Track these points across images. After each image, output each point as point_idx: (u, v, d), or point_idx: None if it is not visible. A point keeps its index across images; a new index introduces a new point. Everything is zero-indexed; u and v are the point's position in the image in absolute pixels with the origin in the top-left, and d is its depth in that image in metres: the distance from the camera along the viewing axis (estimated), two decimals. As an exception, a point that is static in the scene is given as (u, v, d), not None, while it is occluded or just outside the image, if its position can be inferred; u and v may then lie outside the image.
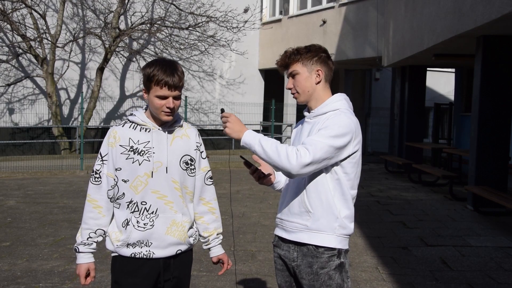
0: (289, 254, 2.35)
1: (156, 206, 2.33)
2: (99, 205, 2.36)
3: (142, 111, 2.41)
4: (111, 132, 2.37)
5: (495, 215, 7.76)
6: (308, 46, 2.38)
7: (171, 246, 2.36)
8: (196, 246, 2.65)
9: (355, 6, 15.24)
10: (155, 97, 2.27)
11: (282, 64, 2.37)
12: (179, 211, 2.38)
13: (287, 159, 2.09)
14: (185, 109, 15.34)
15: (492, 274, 5.00)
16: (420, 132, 13.47)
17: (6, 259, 5.19)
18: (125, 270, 2.34)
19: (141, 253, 2.32)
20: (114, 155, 2.33)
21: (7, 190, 9.56)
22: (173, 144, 2.39)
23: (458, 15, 7.86)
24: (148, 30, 16.08)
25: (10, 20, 14.37)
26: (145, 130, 2.36)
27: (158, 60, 2.32)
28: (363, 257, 5.46)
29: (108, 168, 2.35)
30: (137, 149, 2.32)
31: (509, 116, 8.17)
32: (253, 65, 19.32)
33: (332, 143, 2.15)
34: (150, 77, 2.26)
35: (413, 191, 10.08)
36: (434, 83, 20.03)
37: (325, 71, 2.34)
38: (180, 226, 2.38)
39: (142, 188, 2.31)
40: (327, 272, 2.25)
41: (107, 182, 2.35)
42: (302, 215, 2.29)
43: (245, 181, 10.97)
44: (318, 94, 2.35)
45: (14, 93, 15.84)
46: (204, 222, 2.56)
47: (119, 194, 2.34)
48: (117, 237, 2.35)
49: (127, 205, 2.33)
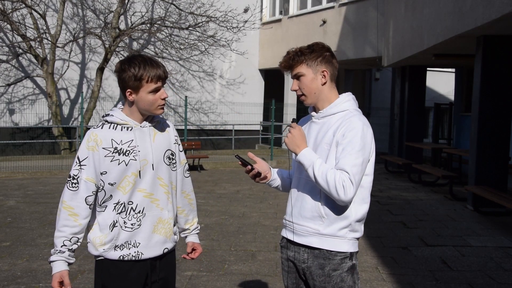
0: (299, 255, 2.32)
1: (142, 205, 2.29)
2: (75, 213, 2.25)
3: (119, 110, 2.33)
4: (90, 135, 2.26)
5: (495, 215, 7.76)
6: (311, 45, 2.33)
7: (158, 245, 2.33)
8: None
9: (355, 6, 15.25)
10: (148, 94, 2.23)
11: (285, 65, 2.32)
12: (165, 208, 2.35)
13: (335, 191, 2.13)
14: (185, 109, 15.35)
15: (492, 274, 5.00)
16: (420, 132, 13.48)
17: (6, 259, 5.19)
18: (113, 274, 2.29)
19: (129, 255, 2.28)
20: (97, 159, 2.24)
21: (7, 190, 9.56)
22: (155, 140, 2.35)
23: (458, 15, 7.86)
24: (148, 30, 16.08)
25: (10, 20, 14.37)
26: (127, 129, 2.29)
27: (135, 58, 2.25)
28: (363, 257, 5.46)
29: (87, 173, 2.24)
30: (121, 149, 2.25)
31: (509, 116, 8.17)
32: (253, 65, 19.32)
33: (362, 158, 2.18)
34: (139, 76, 2.20)
35: (413, 191, 10.08)
36: (434, 83, 20.03)
37: (330, 71, 2.30)
38: (166, 223, 2.36)
39: (130, 188, 2.27)
40: (339, 274, 2.24)
41: (86, 188, 2.24)
42: (314, 219, 2.25)
43: (245, 181, 10.97)
44: (325, 95, 2.31)
45: (14, 93, 15.85)
46: (185, 215, 2.55)
47: (106, 197, 2.28)
48: (101, 241, 2.28)
49: (114, 207, 2.27)
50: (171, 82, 18.07)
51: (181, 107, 17.88)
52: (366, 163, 2.22)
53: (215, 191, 9.85)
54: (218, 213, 7.67)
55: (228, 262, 5.18)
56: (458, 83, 14.42)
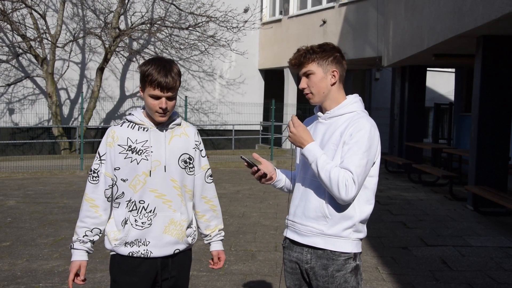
0: (302, 256, 2.31)
1: (154, 205, 2.33)
2: (96, 204, 2.35)
3: (140, 111, 2.41)
4: (109, 132, 2.37)
5: (495, 215, 7.76)
6: (322, 45, 2.31)
7: (168, 245, 2.36)
8: (195, 246, 2.66)
9: (355, 6, 15.25)
10: (148, 97, 2.27)
11: (295, 63, 2.30)
12: (178, 210, 2.38)
13: (337, 189, 2.12)
14: (185, 109, 15.35)
15: (492, 274, 5.00)
16: (420, 132, 13.47)
17: (6, 259, 5.20)
18: (123, 269, 2.34)
19: (138, 252, 2.33)
20: (113, 154, 2.33)
21: (7, 190, 9.56)
22: (171, 143, 2.39)
23: (458, 15, 7.86)
24: (148, 30, 16.08)
25: (10, 20, 14.37)
26: (143, 129, 2.36)
27: (156, 59, 2.31)
28: (363, 257, 5.46)
29: (106, 167, 2.35)
30: (135, 148, 2.32)
31: (509, 116, 8.17)
32: (253, 65, 19.32)
33: (367, 159, 2.18)
34: (145, 76, 2.25)
35: (413, 191, 10.09)
36: (434, 83, 20.03)
37: (340, 71, 2.30)
38: (178, 225, 2.38)
39: (141, 187, 2.32)
40: (343, 275, 2.23)
41: (104, 182, 2.35)
42: (318, 220, 2.25)
43: (245, 181, 10.97)
44: (332, 95, 2.31)
45: (14, 93, 15.85)
46: (206, 220, 2.57)
47: (119, 193, 2.35)
48: (115, 236, 2.35)
49: (126, 204, 2.34)
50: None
51: (181, 107, 17.87)
52: (371, 165, 2.22)
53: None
54: (218, 213, 7.67)
55: (228, 262, 5.18)
56: (458, 83, 14.42)
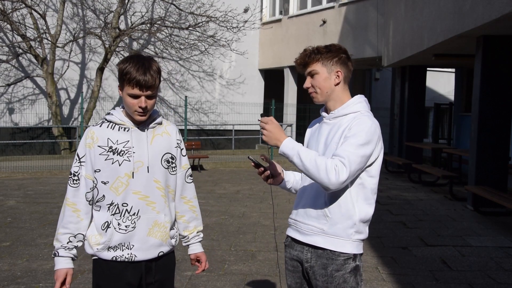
0: (303, 255, 2.32)
1: (137, 207, 2.25)
2: (78, 209, 2.26)
3: (120, 110, 2.31)
4: (88, 132, 2.27)
5: (495, 215, 7.76)
6: (328, 45, 2.33)
7: (153, 248, 2.29)
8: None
9: (355, 6, 15.25)
10: (127, 96, 2.19)
11: (301, 62, 2.32)
12: (162, 212, 2.31)
13: (326, 175, 2.07)
14: (185, 109, 15.35)
15: (492, 274, 5.00)
16: (420, 132, 13.47)
17: (6, 259, 5.19)
18: (107, 274, 2.27)
19: (122, 256, 2.25)
20: (93, 156, 2.23)
21: (7, 190, 9.56)
22: (153, 143, 2.31)
23: (458, 15, 7.86)
24: (148, 30, 16.09)
25: (10, 20, 14.38)
26: (124, 130, 2.27)
27: (134, 56, 2.22)
28: (363, 257, 5.45)
29: (86, 169, 2.25)
30: (116, 149, 2.23)
31: (509, 116, 8.17)
32: (253, 65, 19.32)
33: (363, 152, 2.14)
34: (123, 74, 2.16)
35: (413, 191, 10.08)
36: (434, 83, 20.04)
37: (344, 72, 2.31)
38: (162, 227, 2.32)
39: (123, 189, 2.23)
40: (342, 275, 2.24)
41: (85, 185, 2.26)
42: (319, 218, 2.25)
43: (245, 181, 10.97)
44: (337, 95, 2.31)
45: (14, 93, 15.85)
46: (185, 221, 2.48)
47: (99, 196, 2.26)
48: (97, 240, 2.27)
49: (108, 207, 2.25)
50: (171, 82, 18.09)
51: (181, 107, 17.90)
52: (366, 159, 2.18)
53: (215, 191, 9.85)
54: (218, 213, 7.67)
55: (228, 262, 5.18)
56: (458, 83, 14.43)
